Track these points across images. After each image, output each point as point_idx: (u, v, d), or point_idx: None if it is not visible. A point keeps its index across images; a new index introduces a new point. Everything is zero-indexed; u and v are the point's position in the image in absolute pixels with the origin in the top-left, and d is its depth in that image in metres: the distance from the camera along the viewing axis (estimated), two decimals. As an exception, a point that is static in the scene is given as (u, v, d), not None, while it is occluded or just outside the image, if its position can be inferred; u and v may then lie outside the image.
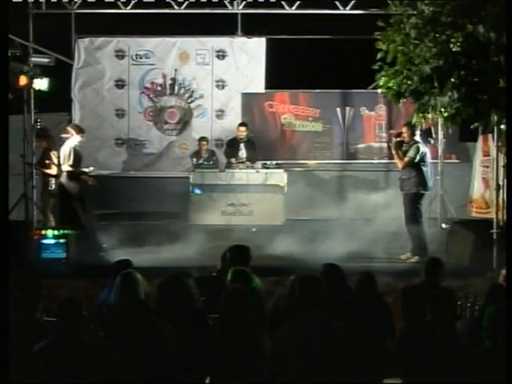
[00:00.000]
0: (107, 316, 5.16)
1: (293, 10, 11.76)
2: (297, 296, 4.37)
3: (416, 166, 9.19)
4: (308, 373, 4.04)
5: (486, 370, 3.90)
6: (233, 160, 11.11)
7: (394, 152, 9.46)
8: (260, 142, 11.90)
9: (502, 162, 8.57)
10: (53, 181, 10.31)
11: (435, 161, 10.56)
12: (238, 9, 11.94)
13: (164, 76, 12.33)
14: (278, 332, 4.28)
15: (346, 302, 5.21)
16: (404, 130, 9.39)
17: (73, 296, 4.74)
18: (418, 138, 9.33)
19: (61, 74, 11.34)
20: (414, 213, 9.24)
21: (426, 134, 9.49)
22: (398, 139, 9.43)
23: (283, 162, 11.66)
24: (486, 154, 10.66)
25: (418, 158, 9.19)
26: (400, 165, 9.43)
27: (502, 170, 8.57)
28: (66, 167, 9.86)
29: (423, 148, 9.28)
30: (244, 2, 11.85)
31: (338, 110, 12.23)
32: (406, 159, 9.27)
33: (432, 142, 9.63)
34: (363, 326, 4.87)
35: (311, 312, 4.22)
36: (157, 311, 4.65)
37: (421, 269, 6.15)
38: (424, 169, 9.21)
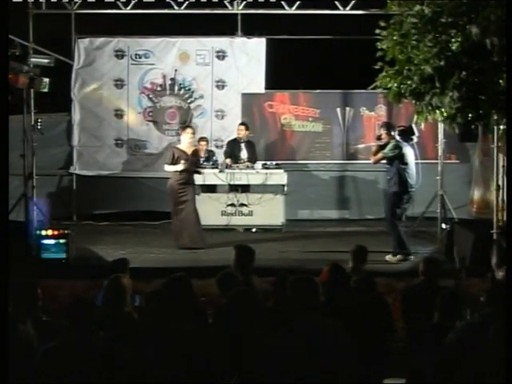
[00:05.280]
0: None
1: (293, 10, 11.76)
2: (291, 298, 4.28)
3: (396, 166, 9.13)
4: (308, 374, 4.03)
5: (486, 369, 3.90)
6: (228, 161, 11.09)
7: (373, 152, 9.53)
8: (260, 143, 11.91)
9: (501, 162, 8.57)
10: None
11: (435, 161, 10.55)
12: (238, 9, 11.94)
13: (164, 76, 12.30)
14: (277, 333, 4.26)
15: (346, 302, 5.20)
16: (381, 131, 9.44)
17: (81, 296, 4.71)
18: (397, 137, 9.26)
19: (61, 74, 11.33)
20: (391, 212, 9.21)
21: (407, 133, 9.38)
22: (379, 143, 9.42)
23: (283, 162, 11.65)
24: (486, 154, 10.65)
25: (391, 154, 9.11)
26: (372, 160, 9.48)
27: (501, 170, 8.56)
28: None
29: (402, 147, 9.19)
30: (244, 2, 11.85)
31: (338, 110, 12.23)
32: (379, 155, 9.27)
33: (415, 140, 9.52)
34: (363, 326, 4.87)
35: (309, 314, 4.16)
36: (160, 311, 4.65)
37: (417, 268, 6.13)
38: (404, 168, 9.12)
